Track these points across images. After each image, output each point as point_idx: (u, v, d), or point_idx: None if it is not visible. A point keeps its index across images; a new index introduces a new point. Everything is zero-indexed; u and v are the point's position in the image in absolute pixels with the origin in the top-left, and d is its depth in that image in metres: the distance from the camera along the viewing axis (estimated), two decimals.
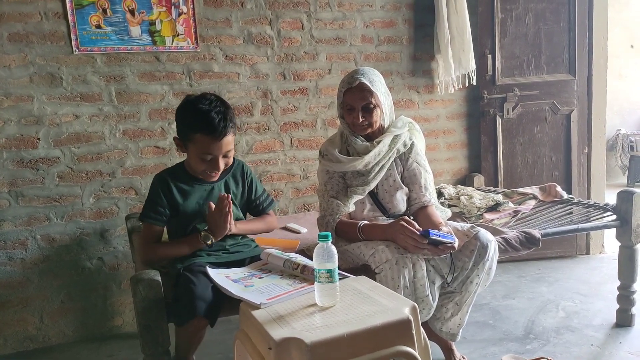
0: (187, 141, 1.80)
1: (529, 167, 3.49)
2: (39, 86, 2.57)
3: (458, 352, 2.24)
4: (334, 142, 2.17)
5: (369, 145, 2.08)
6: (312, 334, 1.24)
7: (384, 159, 2.09)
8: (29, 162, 2.58)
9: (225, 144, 1.79)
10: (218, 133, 1.75)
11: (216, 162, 1.80)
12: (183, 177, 1.88)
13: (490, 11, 3.31)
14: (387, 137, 2.10)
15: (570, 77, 3.43)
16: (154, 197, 1.84)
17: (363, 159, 2.05)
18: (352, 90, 2.01)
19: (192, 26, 2.79)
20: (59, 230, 2.67)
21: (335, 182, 2.11)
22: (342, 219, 2.07)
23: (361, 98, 2.01)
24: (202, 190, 1.90)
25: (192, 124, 1.77)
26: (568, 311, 2.73)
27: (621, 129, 6.59)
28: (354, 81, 1.99)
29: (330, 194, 2.10)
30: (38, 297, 2.66)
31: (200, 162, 1.81)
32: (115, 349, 2.65)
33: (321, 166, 2.16)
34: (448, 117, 3.46)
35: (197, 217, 1.87)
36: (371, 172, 2.08)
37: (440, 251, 1.83)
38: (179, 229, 1.89)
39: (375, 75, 2.06)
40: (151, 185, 1.88)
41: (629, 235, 2.42)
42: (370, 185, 2.08)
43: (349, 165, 2.07)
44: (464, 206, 2.66)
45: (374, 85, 2.01)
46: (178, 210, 1.85)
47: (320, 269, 1.38)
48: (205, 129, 1.75)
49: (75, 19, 2.58)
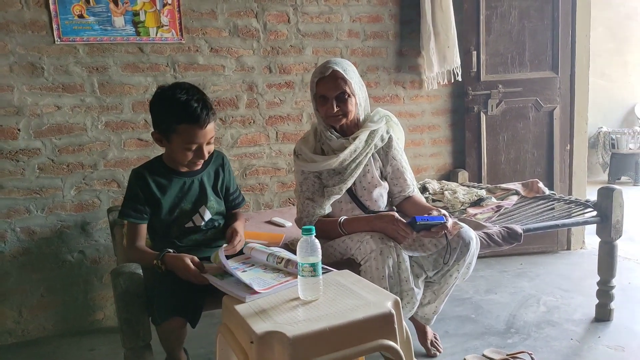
0: (169, 133, 1.77)
1: (512, 163, 3.52)
2: (19, 76, 2.52)
3: (431, 333, 2.30)
4: (308, 141, 2.12)
5: (344, 142, 2.04)
6: (294, 328, 1.24)
7: (361, 155, 2.05)
8: (9, 153, 2.54)
9: (209, 131, 1.78)
10: (202, 121, 1.73)
11: (201, 150, 1.79)
12: (161, 172, 1.86)
13: (476, 8, 3.32)
14: (364, 133, 2.05)
15: (554, 75, 3.46)
16: (132, 195, 1.81)
17: (338, 157, 2.00)
18: (325, 80, 1.97)
19: (177, 17, 2.76)
20: (39, 223, 2.63)
21: (310, 182, 2.07)
22: (320, 218, 2.04)
23: (335, 87, 1.96)
24: (181, 183, 1.87)
25: (173, 115, 1.73)
26: (549, 306, 2.77)
27: (603, 127, 6.69)
28: (327, 70, 1.96)
29: (305, 195, 2.06)
30: (17, 291, 2.62)
31: (185, 152, 1.78)
32: (96, 343, 2.63)
33: (296, 166, 2.11)
34: (433, 113, 3.48)
35: (176, 211, 1.85)
36: (347, 169, 2.04)
37: (434, 233, 1.85)
38: (159, 224, 1.87)
39: (348, 65, 2.02)
40: (129, 182, 1.85)
41: (608, 231, 2.45)
42: (347, 183, 2.04)
43: (323, 164, 2.02)
44: (448, 201, 2.68)
45: (348, 73, 1.97)
46: (159, 206, 1.83)
47: (304, 262, 1.38)
48: (188, 118, 1.72)
49: (57, 8, 2.53)
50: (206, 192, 1.91)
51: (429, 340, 2.27)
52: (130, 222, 1.82)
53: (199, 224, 1.90)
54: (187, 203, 1.87)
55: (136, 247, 1.81)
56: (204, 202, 1.90)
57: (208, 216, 1.91)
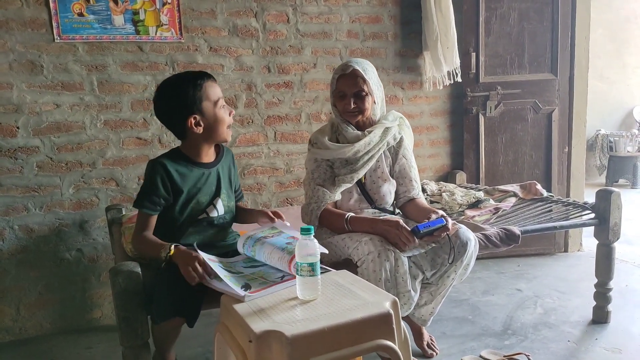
0: (200, 103, 1.79)
1: (510, 165, 3.53)
2: (18, 74, 2.52)
3: (427, 335, 2.31)
4: (324, 131, 2.19)
5: (359, 134, 2.11)
6: (292, 327, 1.24)
7: (374, 149, 2.12)
8: (8, 151, 2.54)
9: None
10: (212, 76, 1.86)
11: (225, 106, 1.89)
12: (182, 162, 1.85)
13: (475, 9, 3.32)
14: (379, 128, 2.13)
15: (552, 77, 3.46)
16: (151, 185, 1.79)
17: (353, 146, 2.07)
18: (345, 77, 2.06)
19: (177, 16, 2.76)
20: (38, 221, 2.63)
21: (322, 170, 2.13)
22: (329, 207, 2.07)
23: (353, 85, 2.05)
24: (200, 174, 1.87)
25: (192, 83, 1.78)
26: (546, 308, 2.77)
27: (601, 130, 6.69)
28: (348, 68, 2.05)
29: (317, 182, 2.11)
30: (15, 289, 2.62)
31: (223, 112, 1.86)
32: (94, 341, 2.62)
33: (310, 154, 2.17)
34: (432, 114, 3.48)
35: (193, 201, 1.85)
36: (359, 160, 2.10)
37: (436, 237, 1.90)
38: (174, 214, 1.85)
39: (368, 65, 2.11)
40: (147, 172, 1.82)
41: (606, 234, 2.46)
42: (359, 173, 2.10)
43: (338, 152, 2.09)
44: (446, 202, 2.68)
45: (367, 73, 2.06)
46: (179, 195, 1.82)
47: (302, 262, 1.38)
48: (205, 76, 1.82)
49: (57, 6, 2.53)
50: (221, 184, 1.92)
51: (425, 342, 2.28)
52: (142, 212, 1.82)
53: (212, 215, 1.90)
54: (204, 194, 1.88)
55: (145, 235, 1.80)
56: (218, 193, 1.91)
57: (221, 208, 1.91)
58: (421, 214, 2.05)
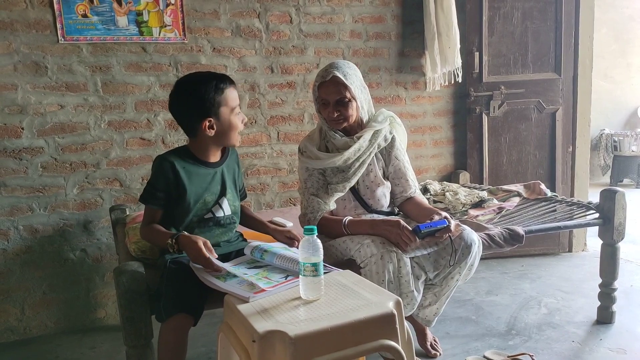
0: (219, 107, 1.79)
1: (514, 165, 3.52)
2: (23, 75, 2.53)
3: (430, 336, 2.30)
4: (313, 139, 2.14)
5: (348, 140, 2.06)
6: (296, 327, 1.24)
7: (364, 154, 2.07)
8: (12, 151, 2.55)
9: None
10: (233, 81, 1.86)
11: (240, 113, 1.89)
12: (189, 160, 1.86)
13: (478, 9, 3.32)
14: (368, 132, 2.07)
15: (556, 76, 3.46)
16: (156, 182, 1.80)
17: (342, 155, 2.02)
18: (326, 84, 1.99)
19: (180, 17, 2.77)
20: (42, 221, 2.64)
21: (315, 179, 2.09)
22: (325, 215, 2.06)
23: (335, 92, 1.98)
24: (206, 173, 1.88)
25: (214, 87, 1.78)
26: (550, 308, 2.77)
27: (605, 129, 6.68)
28: (328, 75, 1.98)
29: (310, 192, 2.08)
30: (20, 288, 2.63)
31: (237, 118, 1.86)
32: (98, 341, 2.63)
33: (301, 163, 2.13)
34: (435, 114, 3.48)
35: (199, 200, 1.85)
36: (351, 167, 2.06)
37: (437, 238, 1.88)
38: (180, 213, 1.85)
39: (349, 68, 2.03)
40: (154, 168, 1.82)
41: (611, 234, 2.45)
42: (351, 181, 2.06)
43: (328, 161, 2.04)
44: (449, 202, 2.68)
45: (348, 78, 1.98)
46: (185, 194, 1.82)
47: (305, 262, 1.38)
48: (228, 80, 1.83)
49: (61, 7, 2.54)
50: (226, 184, 1.92)
51: (428, 342, 2.28)
52: (148, 206, 1.83)
53: (218, 215, 1.90)
54: (211, 193, 1.88)
55: (152, 225, 1.82)
56: (224, 193, 1.92)
57: (227, 207, 1.91)
58: (422, 213, 2.04)
